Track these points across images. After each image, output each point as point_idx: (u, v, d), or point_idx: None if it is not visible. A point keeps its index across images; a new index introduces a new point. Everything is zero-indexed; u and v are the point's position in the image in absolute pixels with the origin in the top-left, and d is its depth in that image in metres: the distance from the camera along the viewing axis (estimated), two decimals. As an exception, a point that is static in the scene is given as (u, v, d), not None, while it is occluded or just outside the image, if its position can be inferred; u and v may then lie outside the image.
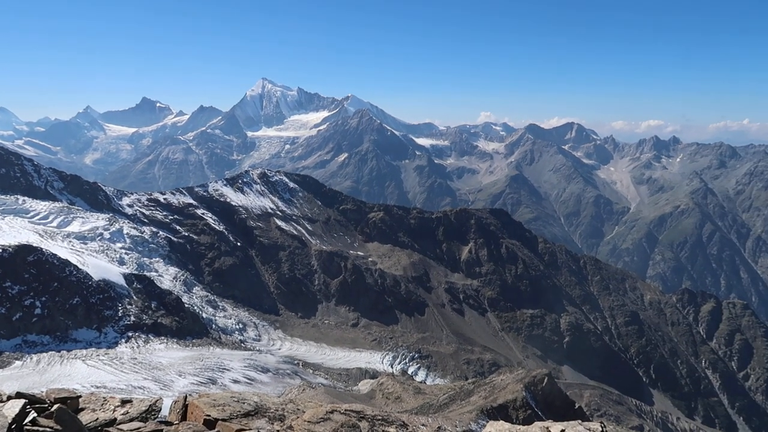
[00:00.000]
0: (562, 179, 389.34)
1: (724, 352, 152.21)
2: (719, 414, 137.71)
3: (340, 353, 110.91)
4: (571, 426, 9.69)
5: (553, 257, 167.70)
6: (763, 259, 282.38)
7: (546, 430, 9.74)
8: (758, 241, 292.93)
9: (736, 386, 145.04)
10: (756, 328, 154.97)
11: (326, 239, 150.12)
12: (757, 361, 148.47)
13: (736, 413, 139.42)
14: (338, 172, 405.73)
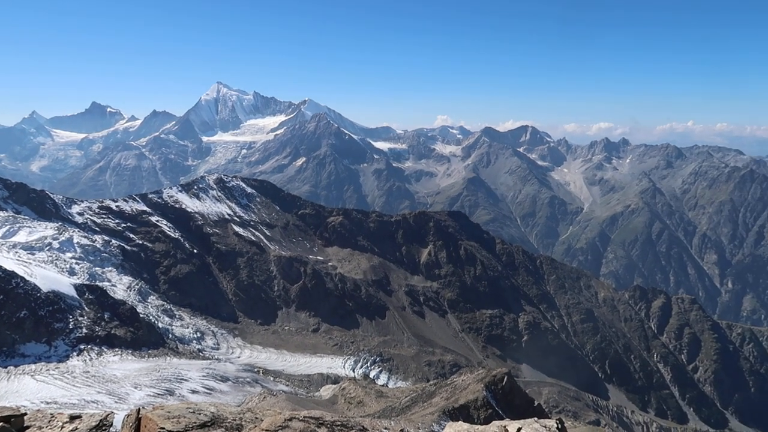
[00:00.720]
0: (517, 181, 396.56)
1: (675, 346, 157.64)
2: (671, 406, 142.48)
3: (301, 359, 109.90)
4: (528, 424, 9.83)
5: (510, 258, 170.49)
6: (709, 255, 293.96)
7: (503, 428, 9.86)
8: (704, 238, 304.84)
9: (686, 378, 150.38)
10: (703, 322, 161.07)
11: (285, 244, 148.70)
12: (705, 354, 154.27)
13: (687, 404, 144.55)
14: (296, 177, 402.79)
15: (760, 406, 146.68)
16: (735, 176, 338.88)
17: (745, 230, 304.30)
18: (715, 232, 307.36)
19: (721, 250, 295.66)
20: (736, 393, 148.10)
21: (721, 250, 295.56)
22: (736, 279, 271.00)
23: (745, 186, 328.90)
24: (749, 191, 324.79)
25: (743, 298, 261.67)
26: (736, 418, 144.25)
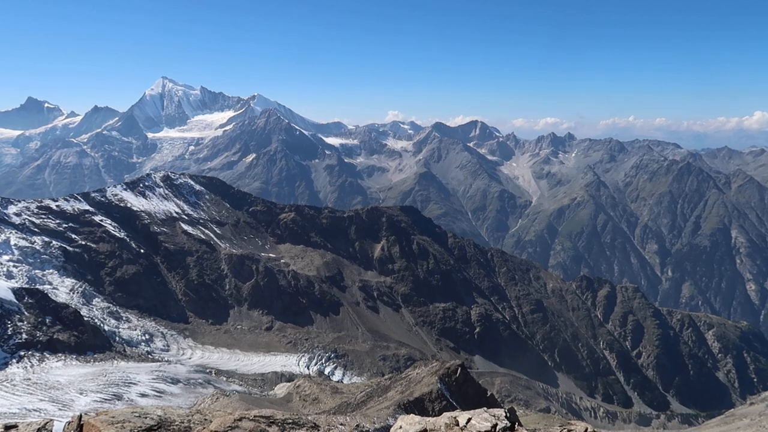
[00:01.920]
0: (468, 175, 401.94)
1: (619, 333, 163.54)
2: (617, 391, 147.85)
3: (254, 358, 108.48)
4: (478, 414, 9.94)
5: (462, 251, 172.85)
6: (650, 245, 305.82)
7: (454, 419, 9.94)
8: (645, 229, 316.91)
9: (630, 364, 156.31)
10: (646, 309, 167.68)
11: (236, 242, 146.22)
12: (647, 340, 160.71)
13: (631, 389, 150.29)
14: (246, 173, 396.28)
15: (698, 388, 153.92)
16: (673, 169, 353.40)
17: (683, 221, 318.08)
18: (655, 223, 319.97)
19: (661, 240, 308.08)
20: (676, 376, 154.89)
21: (661, 240, 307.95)
22: (676, 267, 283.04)
23: (682, 178, 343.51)
24: (686, 183, 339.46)
25: (682, 285, 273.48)
26: (677, 400, 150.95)
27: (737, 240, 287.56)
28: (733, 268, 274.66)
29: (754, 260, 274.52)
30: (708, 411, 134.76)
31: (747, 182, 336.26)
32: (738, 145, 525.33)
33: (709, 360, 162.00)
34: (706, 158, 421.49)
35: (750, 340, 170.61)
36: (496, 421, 9.68)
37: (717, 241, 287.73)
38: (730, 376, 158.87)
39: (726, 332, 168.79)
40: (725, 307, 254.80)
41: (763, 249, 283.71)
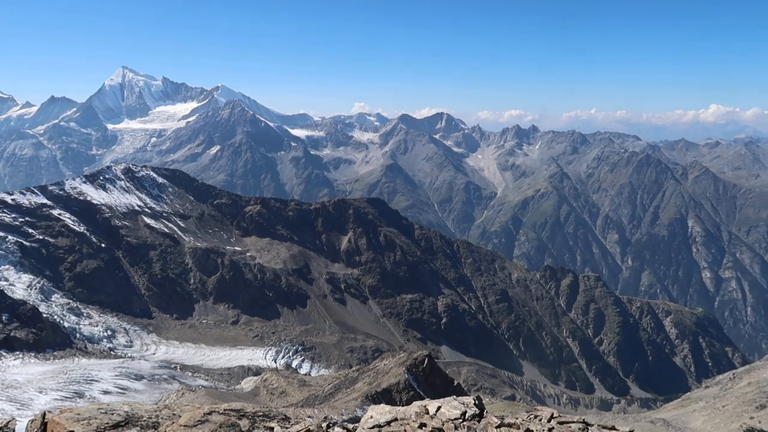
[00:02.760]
0: (434, 167, 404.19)
1: (582, 321, 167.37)
2: (579, 378, 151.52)
3: (220, 353, 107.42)
4: (447, 402, 10.12)
5: (428, 243, 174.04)
6: (611, 235, 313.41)
7: (424, 408, 10.10)
8: (606, 220, 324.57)
9: (592, 351, 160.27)
10: (607, 298, 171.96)
11: (201, 236, 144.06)
12: (608, 327, 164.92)
13: (593, 375, 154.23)
14: (211, 166, 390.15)
15: (657, 373, 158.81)
16: (633, 161, 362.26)
17: (643, 211, 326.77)
18: (616, 213, 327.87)
19: (622, 229, 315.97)
20: (636, 362, 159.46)
21: (621, 229, 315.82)
22: (635, 256, 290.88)
23: (642, 170, 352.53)
24: (646, 174, 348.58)
25: (641, 274, 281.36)
26: (637, 384, 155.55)
27: (693, 229, 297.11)
28: (689, 256, 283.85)
29: (709, 249, 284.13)
30: (666, 395, 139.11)
31: (703, 173, 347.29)
32: (694, 138, 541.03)
33: (667, 346, 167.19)
34: (665, 150, 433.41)
35: (705, 326, 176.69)
36: (465, 408, 9.86)
37: (674, 230, 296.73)
38: (686, 360, 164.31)
39: (683, 319, 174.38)
40: (682, 295, 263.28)
41: (718, 238, 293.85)
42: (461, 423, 9.26)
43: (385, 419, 9.71)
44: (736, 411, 57.04)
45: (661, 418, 62.34)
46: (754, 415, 55.25)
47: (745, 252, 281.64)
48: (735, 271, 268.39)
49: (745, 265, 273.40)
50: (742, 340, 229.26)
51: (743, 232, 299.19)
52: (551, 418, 10.15)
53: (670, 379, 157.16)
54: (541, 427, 9.59)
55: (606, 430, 9.93)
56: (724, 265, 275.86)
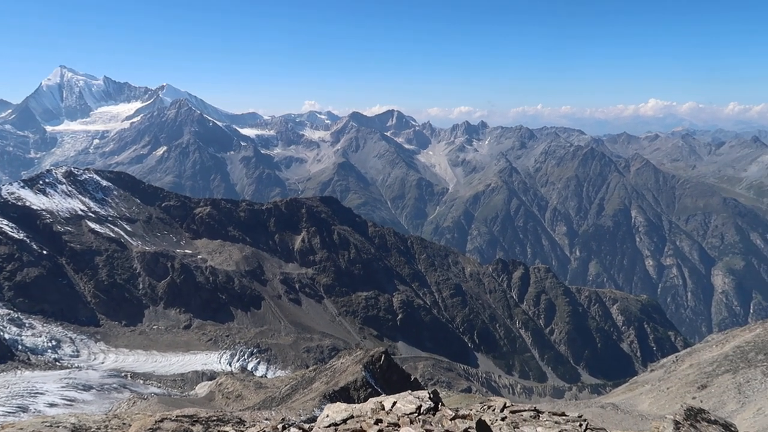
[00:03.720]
0: (386, 164, 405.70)
1: (533, 312, 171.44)
2: (532, 367, 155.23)
3: (173, 358, 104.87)
4: (403, 397, 10.22)
5: (382, 240, 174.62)
6: (559, 227, 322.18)
7: (380, 404, 10.16)
8: (554, 212, 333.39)
9: (544, 341, 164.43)
10: (557, 288, 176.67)
11: (149, 239, 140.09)
12: (559, 317, 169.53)
13: (546, 364, 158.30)
14: (157, 167, 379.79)
15: (605, 359, 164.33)
16: (578, 154, 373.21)
17: (589, 203, 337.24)
18: (563, 206, 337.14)
19: (569, 221, 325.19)
20: (585, 350, 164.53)
21: (569, 221, 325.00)
22: (583, 247, 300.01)
23: (587, 163, 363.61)
24: (591, 167, 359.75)
25: (589, 264, 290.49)
26: (587, 371, 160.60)
27: (636, 219, 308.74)
28: (633, 246, 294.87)
29: (651, 238, 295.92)
30: (614, 380, 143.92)
31: (644, 165, 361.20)
32: (635, 131, 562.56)
33: (614, 333, 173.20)
34: (608, 143, 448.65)
35: (649, 312, 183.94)
36: (420, 402, 9.98)
37: (619, 221, 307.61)
38: (632, 346, 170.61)
39: (628, 306, 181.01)
40: (627, 283, 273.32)
41: (659, 227, 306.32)
42: (417, 417, 9.37)
43: (341, 417, 9.72)
44: (680, 392, 59.67)
45: (610, 403, 64.56)
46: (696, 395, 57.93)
47: (685, 240, 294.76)
48: (675, 258, 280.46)
49: (685, 252, 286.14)
50: (683, 324, 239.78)
51: (682, 221, 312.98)
52: (504, 407, 10.39)
53: (618, 364, 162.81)
54: (494, 417, 9.82)
55: (556, 416, 10.24)
56: (666, 252, 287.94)
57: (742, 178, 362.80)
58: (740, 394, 52.09)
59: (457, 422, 8.96)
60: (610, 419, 56.19)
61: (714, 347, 71.32)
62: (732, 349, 64.48)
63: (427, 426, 8.92)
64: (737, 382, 53.98)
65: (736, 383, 53.94)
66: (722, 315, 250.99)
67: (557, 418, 10.12)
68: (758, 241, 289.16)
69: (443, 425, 8.90)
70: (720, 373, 58.15)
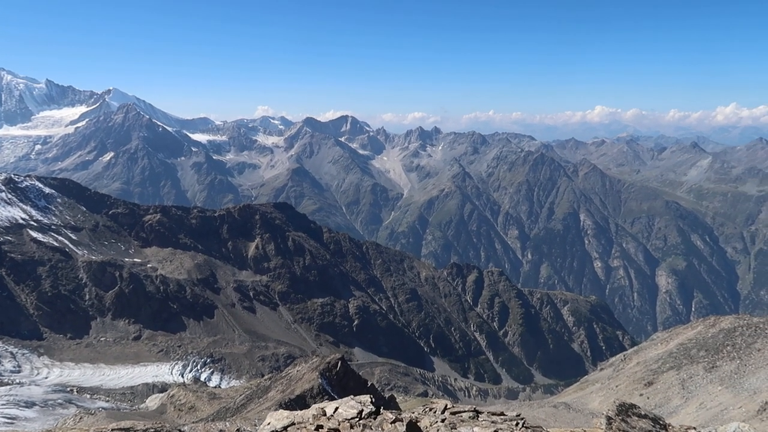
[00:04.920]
0: (341, 170, 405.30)
1: (488, 315, 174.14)
2: (487, 369, 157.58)
3: (122, 371, 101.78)
4: (345, 402, 10.38)
5: (338, 246, 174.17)
6: (512, 231, 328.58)
7: (321, 410, 10.29)
8: (507, 216, 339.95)
9: (498, 343, 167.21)
10: (510, 291, 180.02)
11: (95, 248, 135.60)
12: (512, 319, 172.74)
13: (500, 366, 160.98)
14: (104, 174, 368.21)
15: (558, 360, 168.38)
16: (529, 160, 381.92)
17: (539, 207, 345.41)
18: (515, 210, 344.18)
19: (521, 225, 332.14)
20: (538, 351, 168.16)
21: (521, 225, 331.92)
22: (534, 250, 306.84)
23: (537, 168, 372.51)
24: (541, 172, 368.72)
25: (540, 266, 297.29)
26: (540, 372, 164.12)
27: (585, 223, 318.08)
28: (582, 248, 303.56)
29: (599, 240, 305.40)
30: (566, 380, 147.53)
31: (591, 170, 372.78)
32: (583, 137, 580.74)
33: (566, 333, 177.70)
34: (557, 149, 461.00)
35: (598, 312, 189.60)
36: (362, 407, 10.15)
37: (568, 224, 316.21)
38: (583, 346, 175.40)
39: (578, 307, 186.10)
40: (577, 284, 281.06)
41: (606, 230, 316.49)
42: (358, 422, 9.54)
43: (282, 424, 9.79)
44: (628, 389, 61.82)
45: (563, 402, 66.26)
46: (643, 392, 60.12)
47: (630, 242, 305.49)
48: (622, 260, 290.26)
49: (631, 254, 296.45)
50: (630, 324, 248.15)
51: (628, 224, 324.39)
52: (445, 409, 10.68)
53: (569, 364, 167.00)
54: (435, 418, 10.09)
55: (494, 416, 10.61)
56: (613, 254, 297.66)
57: (682, 182, 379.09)
58: (684, 390, 54.39)
59: (397, 425, 9.18)
60: (563, 418, 57.70)
61: (659, 345, 74.22)
62: (676, 346, 67.22)
63: (368, 430, 9.11)
64: (681, 378, 56.33)
65: (680, 379, 56.28)
66: (666, 314, 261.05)
67: (495, 417, 10.48)
68: (698, 242, 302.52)
69: (383, 429, 9.10)
70: (665, 369, 60.56)
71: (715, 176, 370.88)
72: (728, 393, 48.87)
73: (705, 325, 70.35)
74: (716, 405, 47.92)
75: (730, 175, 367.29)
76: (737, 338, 57.20)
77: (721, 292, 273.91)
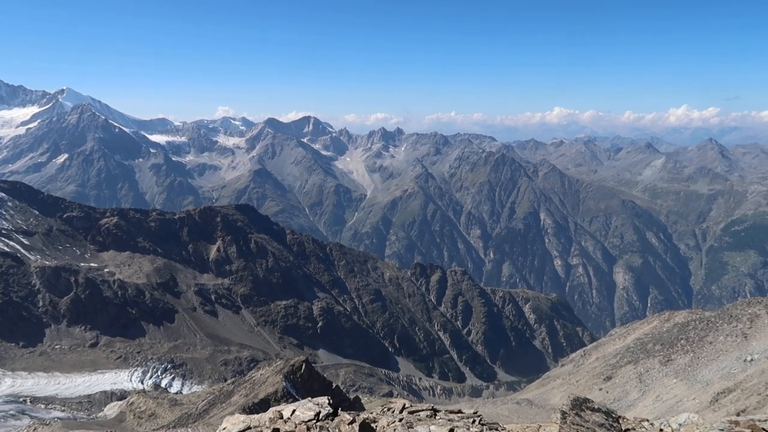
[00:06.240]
0: (303, 171, 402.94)
1: (451, 314, 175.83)
2: (451, 368, 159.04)
3: (78, 379, 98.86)
4: (302, 404, 10.39)
5: (301, 247, 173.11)
6: (474, 230, 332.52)
7: (278, 413, 10.27)
8: (469, 216, 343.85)
9: (462, 342, 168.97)
10: (473, 290, 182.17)
11: (49, 253, 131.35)
12: (476, 318, 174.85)
13: (464, 365, 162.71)
14: (58, 176, 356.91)
15: (520, 357, 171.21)
16: (490, 160, 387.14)
17: (501, 207, 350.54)
18: (477, 210, 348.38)
19: (483, 225, 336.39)
20: (501, 348, 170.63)
21: (483, 225, 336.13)
22: (496, 249, 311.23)
23: (498, 168, 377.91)
24: (502, 173, 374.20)
25: (502, 265, 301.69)
26: (503, 369, 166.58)
27: (545, 222, 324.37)
28: (542, 247, 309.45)
29: (559, 239, 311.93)
30: (528, 376, 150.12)
31: (551, 170, 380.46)
32: (542, 137, 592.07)
33: (527, 331, 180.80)
34: (517, 149, 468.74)
35: (559, 310, 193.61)
36: (319, 409, 10.19)
37: (529, 223, 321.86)
38: (544, 343, 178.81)
39: (540, 304, 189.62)
40: (538, 282, 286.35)
41: (566, 229, 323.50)
42: (315, 424, 9.56)
43: (237, 429, 9.74)
44: (588, 384, 63.37)
45: (525, 399, 67.47)
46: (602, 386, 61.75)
47: (589, 240, 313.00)
48: (581, 257, 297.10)
49: (589, 252, 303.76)
50: (589, 320, 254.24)
51: (586, 222, 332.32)
52: (403, 409, 10.81)
53: (531, 361, 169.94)
54: (393, 418, 10.20)
55: (452, 414, 10.80)
56: (572, 253, 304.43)
57: (638, 181, 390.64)
58: (641, 383, 56.10)
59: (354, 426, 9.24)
60: (525, 414, 58.75)
61: (617, 340, 76.34)
62: (633, 341, 69.27)
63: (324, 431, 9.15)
64: (638, 372, 58.07)
65: (637, 373, 58.02)
66: (624, 310, 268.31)
67: (452, 415, 10.67)
68: (653, 240, 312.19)
69: (340, 430, 9.15)
70: (623, 364, 62.32)
71: (669, 176, 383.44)
72: (683, 385, 50.62)
73: (660, 320, 72.71)
74: (671, 397, 49.58)
75: (682, 175, 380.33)
76: (690, 332, 59.29)
77: (675, 288, 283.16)
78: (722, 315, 59.82)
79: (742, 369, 47.29)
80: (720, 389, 44.37)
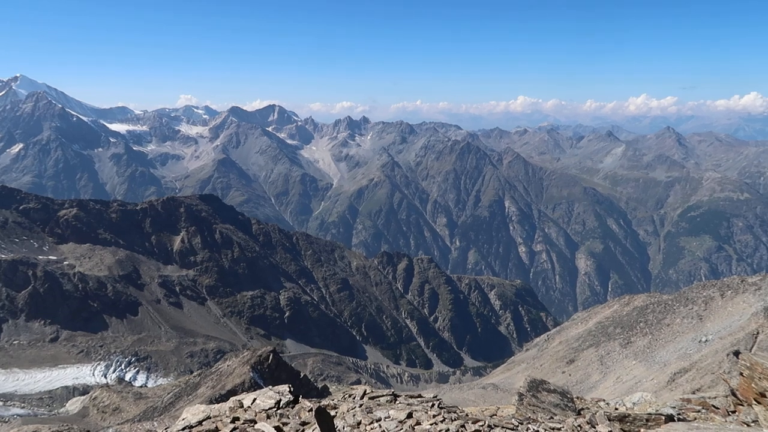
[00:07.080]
0: (269, 160, 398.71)
1: (418, 302, 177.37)
2: (419, 355, 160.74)
3: (38, 375, 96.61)
4: (263, 393, 10.53)
5: (267, 237, 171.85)
6: (440, 218, 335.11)
7: (238, 402, 10.39)
8: (435, 205, 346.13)
9: (429, 329, 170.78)
10: (439, 278, 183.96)
11: (5, 246, 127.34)
12: (442, 305, 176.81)
13: (431, 351, 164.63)
14: (13, 167, 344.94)
15: (486, 342, 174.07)
16: (456, 149, 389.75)
17: (466, 195, 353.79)
18: (443, 198, 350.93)
19: (449, 213, 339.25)
20: (467, 335, 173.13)
21: (449, 213, 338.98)
22: (462, 237, 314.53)
23: (464, 157, 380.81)
24: (467, 161, 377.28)
25: (468, 252, 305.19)
26: (469, 355, 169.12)
27: (510, 209, 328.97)
28: (507, 234, 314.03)
29: (523, 226, 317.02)
30: (494, 361, 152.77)
31: (515, 159, 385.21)
32: (507, 126, 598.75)
33: (493, 317, 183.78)
34: (482, 138, 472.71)
35: (523, 296, 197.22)
36: (280, 397, 10.34)
37: (494, 211, 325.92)
38: (509, 328, 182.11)
39: (505, 291, 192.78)
40: (503, 269, 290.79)
41: (530, 216, 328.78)
42: (275, 411, 9.72)
43: (197, 419, 9.83)
44: (551, 368, 65.07)
45: (491, 383, 68.88)
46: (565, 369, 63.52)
47: (552, 227, 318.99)
48: (545, 244, 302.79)
49: (553, 238, 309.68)
50: (553, 305, 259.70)
51: (549, 210, 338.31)
52: (364, 395, 11.06)
53: (497, 346, 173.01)
54: (353, 404, 10.44)
55: (412, 398, 11.11)
56: (536, 239, 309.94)
57: (599, 169, 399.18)
58: (602, 366, 57.93)
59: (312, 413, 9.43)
60: (491, 398, 60.00)
61: (579, 324, 78.45)
62: (594, 325, 71.30)
63: (284, 419, 9.32)
64: (599, 355, 59.92)
65: (598, 356, 59.87)
66: (585, 294, 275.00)
67: (411, 400, 10.98)
68: (614, 226, 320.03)
69: (300, 417, 9.34)
70: (585, 347, 64.14)
71: (628, 163, 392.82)
72: (642, 366, 52.51)
73: (620, 304, 74.99)
74: (631, 378, 51.38)
75: (641, 162, 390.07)
76: (649, 315, 61.40)
77: (634, 273, 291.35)
78: (679, 298, 62.11)
79: (697, 349, 49.30)
80: (676, 369, 46.17)
